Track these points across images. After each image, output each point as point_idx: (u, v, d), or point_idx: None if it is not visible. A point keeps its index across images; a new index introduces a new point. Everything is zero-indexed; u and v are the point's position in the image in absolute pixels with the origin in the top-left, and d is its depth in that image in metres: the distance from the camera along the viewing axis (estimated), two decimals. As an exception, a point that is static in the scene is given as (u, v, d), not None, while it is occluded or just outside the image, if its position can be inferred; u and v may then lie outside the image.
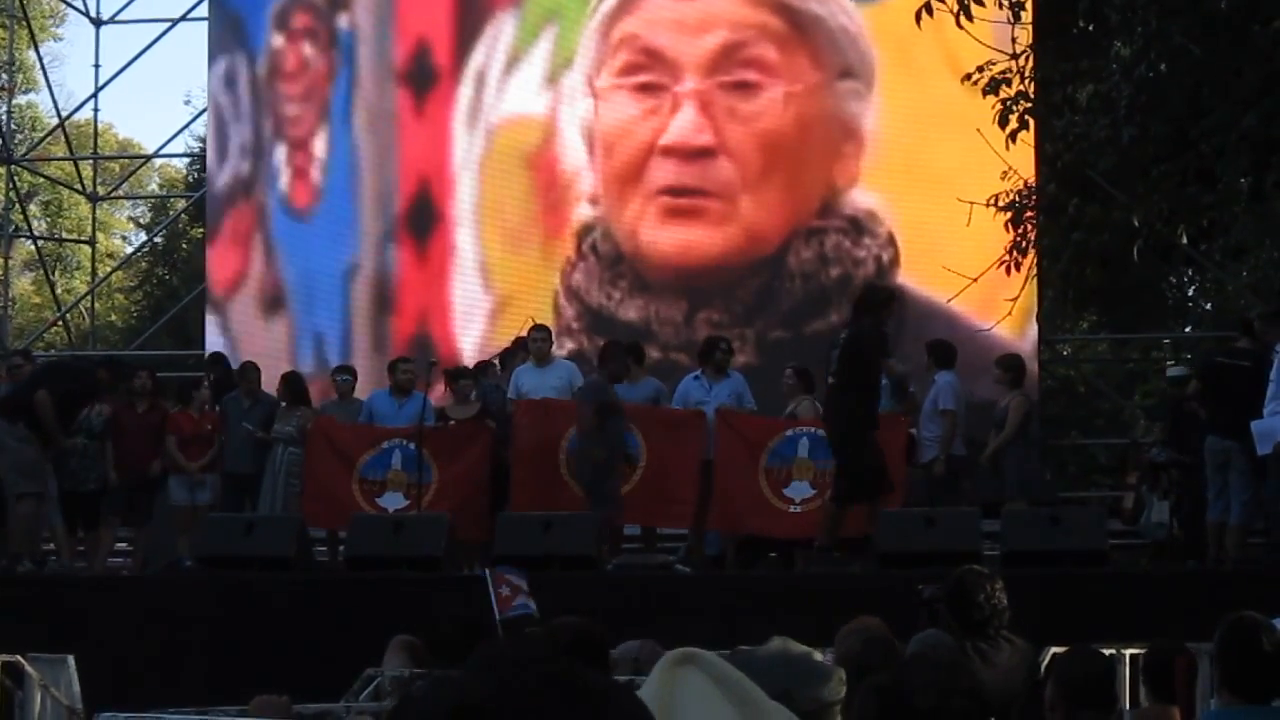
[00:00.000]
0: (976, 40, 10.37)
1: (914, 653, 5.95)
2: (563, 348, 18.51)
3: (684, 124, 19.03)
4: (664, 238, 19.20)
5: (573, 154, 19.61)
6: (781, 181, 19.02)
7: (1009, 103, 10.55)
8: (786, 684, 3.85)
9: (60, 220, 36.80)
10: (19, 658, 10.58)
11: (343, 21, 20.68)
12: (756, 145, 18.95)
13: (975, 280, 11.50)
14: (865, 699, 3.78)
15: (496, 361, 16.79)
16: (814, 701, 3.99)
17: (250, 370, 16.61)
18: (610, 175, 19.39)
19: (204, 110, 23.64)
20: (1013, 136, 10.51)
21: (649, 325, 19.03)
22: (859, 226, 18.70)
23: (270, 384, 16.65)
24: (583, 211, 19.49)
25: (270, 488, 15.64)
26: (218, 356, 18.36)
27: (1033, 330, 18.02)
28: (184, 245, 34.57)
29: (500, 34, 20.03)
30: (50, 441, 14.82)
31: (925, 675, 3.78)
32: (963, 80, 11.01)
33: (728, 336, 16.52)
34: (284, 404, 16.17)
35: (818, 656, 4.32)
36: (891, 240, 18.63)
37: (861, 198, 18.75)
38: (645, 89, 19.29)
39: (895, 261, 18.59)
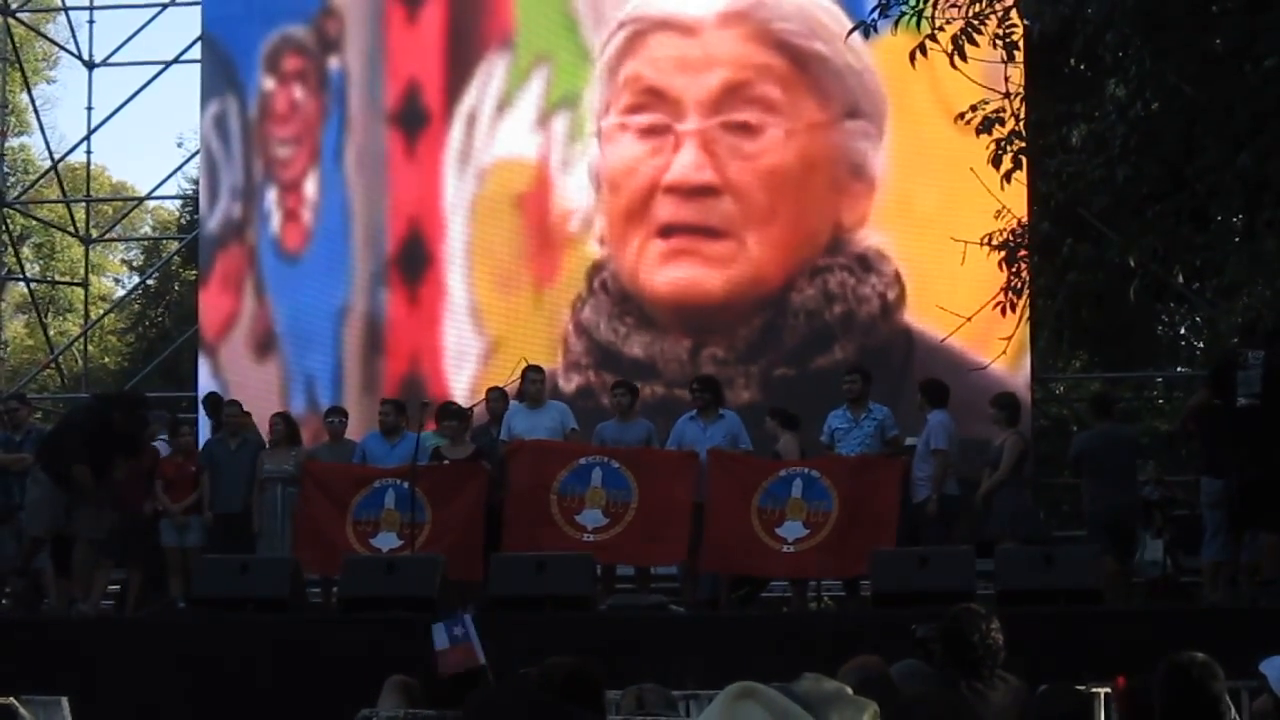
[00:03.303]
0: (970, 80, 10.38)
1: (916, 694, 5.94)
2: (570, 383, 18.52)
3: (686, 163, 19.01)
4: (667, 275, 19.17)
5: (570, 195, 19.59)
6: (787, 219, 18.97)
7: (1002, 143, 10.55)
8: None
9: (53, 263, 36.80)
10: (12, 700, 10.53)
11: (333, 63, 20.70)
12: (760, 183, 18.92)
13: (969, 320, 11.49)
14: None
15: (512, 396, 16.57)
16: None
17: (233, 407, 16.59)
18: (615, 214, 19.38)
19: (196, 152, 23.67)
20: (1007, 177, 10.51)
21: (654, 362, 19.02)
22: (866, 264, 18.64)
23: (260, 425, 16.62)
24: (591, 250, 19.49)
25: (271, 528, 15.58)
26: (214, 397, 18.29)
27: (1026, 369, 18.02)
28: (176, 287, 34.56)
29: (491, 75, 20.04)
30: (90, 499, 14.81)
31: (926, 715, 3.78)
32: (955, 120, 11.01)
33: (705, 376, 16.39)
34: (271, 443, 16.11)
35: (849, 693, 4.32)
36: (898, 279, 18.59)
37: (870, 237, 18.73)
38: (649, 128, 19.30)
39: (901, 300, 18.57)
